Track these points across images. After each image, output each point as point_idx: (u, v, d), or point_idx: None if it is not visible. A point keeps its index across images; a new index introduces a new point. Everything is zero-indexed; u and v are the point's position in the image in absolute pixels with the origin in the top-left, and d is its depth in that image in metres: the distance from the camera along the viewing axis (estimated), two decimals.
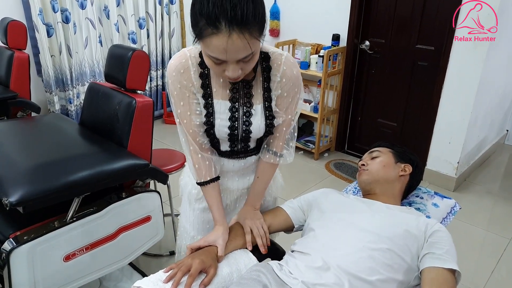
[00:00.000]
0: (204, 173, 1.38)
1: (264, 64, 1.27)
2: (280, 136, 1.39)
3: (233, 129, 1.32)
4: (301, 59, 3.89)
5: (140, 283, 1.21)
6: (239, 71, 1.10)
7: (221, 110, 1.29)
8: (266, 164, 1.44)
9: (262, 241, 1.42)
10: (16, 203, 1.44)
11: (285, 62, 1.27)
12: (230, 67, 1.09)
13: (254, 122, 1.31)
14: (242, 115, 1.31)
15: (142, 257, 2.47)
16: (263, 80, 1.29)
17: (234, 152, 1.41)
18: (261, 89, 1.29)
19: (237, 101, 1.29)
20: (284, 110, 1.33)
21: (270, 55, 1.27)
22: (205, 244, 1.34)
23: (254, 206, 1.49)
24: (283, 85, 1.29)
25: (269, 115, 1.32)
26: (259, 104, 1.30)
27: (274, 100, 1.31)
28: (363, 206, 1.44)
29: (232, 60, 1.07)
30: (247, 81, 1.27)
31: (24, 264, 1.55)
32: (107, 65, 2.07)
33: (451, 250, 1.25)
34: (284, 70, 1.27)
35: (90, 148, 1.94)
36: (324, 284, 1.18)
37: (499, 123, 4.11)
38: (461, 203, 1.70)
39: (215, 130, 1.31)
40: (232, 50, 1.03)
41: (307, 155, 4.03)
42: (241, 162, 1.45)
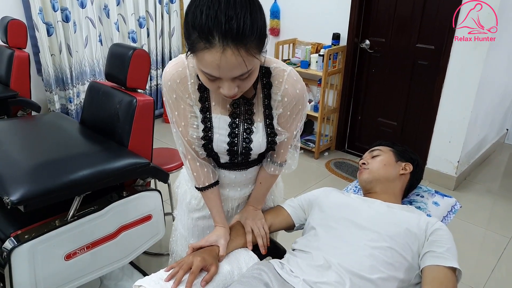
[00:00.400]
0: (203, 179, 1.35)
1: (264, 80, 1.19)
2: (284, 150, 1.36)
3: (233, 145, 1.26)
4: (301, 58, 3.89)
5: (142, 282, 1.21)
6: (235, 89, 1.01)
7: (220, 126, 1.23)
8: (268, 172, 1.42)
9: (263, 241, 1.42)
10: (17, 202, 1.44)
11: (287, 79, 1.18)
12: (225, 85, 1.00)
13: (254, 140, 1.25)
14: (243, 132, 1.24)
15: (143, 256, 2.47)
16: (264, 97, 1.21)
17: (235, 164, 1.36)
18: (262, 107, 1.22)
19: (237, 117, 1.23)
20: (287, 127, 1.27)
21: (271, 70, 1.18)
22: (206, 244, 1.33)
23: (255, 206, 1.48)
24: (285, 104, 1.20)
25: (271, 132, 1.25)
26: (260, 122, 1.24)
27: (275, 118, 1.24)
28: (364, 205, 1.44)
29: (227, 78, 0.98)
30: (247, 99, 1.20)
31: (25, 263, 1.55)
32: (108, 64, 2.07)
33: (452, 249, 1.25)
34: (285, 89, 1.18)
35: (91, 147, 1.94)
36: (326, 282, 1.18)
37: (499, 122, 4.11)
38: (461, 202, 1.70)
39: (213, 145, 1.27)
40: (226, 67, 0.93)
41: (308, 154, 4.03)
42: (242, 173, 1.40)
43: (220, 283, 1.25)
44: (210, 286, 1.23)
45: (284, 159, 1.39)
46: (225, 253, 1.33)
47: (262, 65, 1.16)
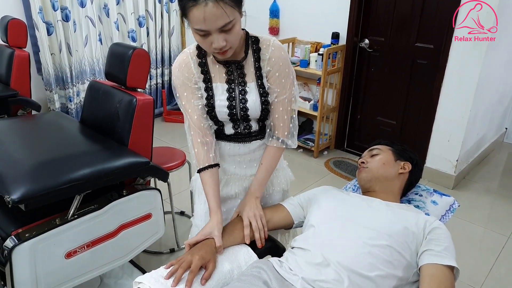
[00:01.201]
0: (202, 158, 1.46)
1: (254, 46, 1.40)
2: (279, 117, 1.46)
3: (232, 108, 1.42)
4: (300, 57, 3.90)
5: (141, 279, 1.22)
6: (223, 42, 1.21)
7: (219, 92, 1.42)
8: (271, 150, 1.51)
9: (260, 235, 1.44)
10: (18, 201, 1.45)
11: (274, 44, 1.40)
12: (214, 38, 1.20)
13: (249, 99, 1.41)
14: (238, 94, 1.42)
15: (143, 254, 2.48)
16: (254, 61, 1.40)
17: (239, 134, 1.50)
18: (253, 68, 1.41)
19: (232, 82, 1.42)
20: (277, 89, 1.42)
21: (259, 38, 1.41)
22: (202, 238, 1.35)
23: (255, 195, 1.51)
24: (273, 64, 1.39)
25: (263, 92, 1.42)
26: (252, 82, 1.41)
27: (265, 77, 1.41)
28: (362, 203, 1.45)
29: (214, 29, 1.18)
30: (238, 61, 1.40)
31: (26, 261, 1.56)
32: (108, 64, 2.08)
33: (450, 247, 1.26)
34: (272, 50, 1.39)
35: (91, 146, 1.95)
36: (324, 280, 1.19)
37: (498, 121, 4.12)
38: (460, 201, 1.71)
39: (215, 112, 1.43)
40: (210, 18, 1.14)
41: (307, 153, 4.03)
42: (246, 146, 1.52)
43: (220, 282, 1.26)
44: (210, 285, 1.24)
45: (283, 134, 1.49)
46: (221, 243, 1.35)
47: (251, 35, 1.41)
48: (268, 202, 1.67)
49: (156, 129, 2.07)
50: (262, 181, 1.53)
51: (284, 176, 1.68)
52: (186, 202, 2.99)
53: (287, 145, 1.52)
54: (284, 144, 1.51)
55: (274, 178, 1.63)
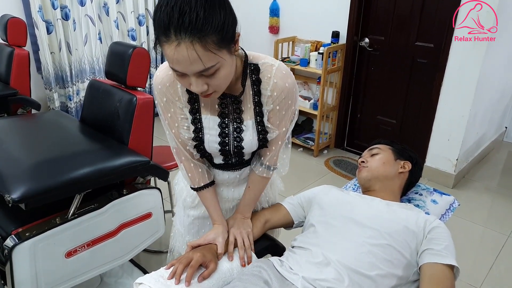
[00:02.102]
0: (198, 180, 1.37)
1: (254, 77, 1.18)
2: (275, 150, 1.33)
3: (224, 145, 1.26)
4: (300, 56, 3.90)
5: (142, 279, 1.22)
6: (203, 86, 1.01)
7: (210, 126, 1.24)
8: (258, 176, 1.39)
9: (247, 252, 1.36)
10: (18, 200, 1.45)
11: (276, 74, 1.16)
12: (192, 81, 1.00)
13: (245, 138, 1.25)
14: (233, 131, 1.24)
15: (143, 253, 2.48)
16: (254, 94, 1.20)
17: (229, 164, 1.38)
18: (252, 104, 1.21)
19: (226, 117, 1.23)
20: (277, 124, 1.25)
21: (260, 66, 1.17)
22: (204, 242, 1.34)
23: (243, 215, 1.44)
24: (275, 99, 1.19)
25: (262, 130, 1.25)
26: (250, 120, 1.23)
27: (266, 115, 1.23)
28: (363, 202, 1.45)
29: (190, 73, 0.97)
30: (235, 97, 1.20)
31: (26, 260, 1.56)
32: (108, 62, 2.07)
33: (450, 246, 1.26)
34: (275, 83, 1.16)
35: (91, 145, 1.95)
36: (325, 279, 1.19)
37: (498, 120, 4.12)
38: (459, 200, 1.71)
39: (205, 146, 1.28)
40: (183, 62, 0.94)
41: (307, 152, 4.04)
42: (236, 173, 1.42)
43: (220, 281, 1.26)
44: (210, 283, 1.24)
45: (273, 162, 1.37)
46: (223, 251, 1.34)
47: (251, 62, 1.17)
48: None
49: (157, 128, 2.07)
50: (250, 204, 1.44)
51: (273, 191, 1.60)
52: None
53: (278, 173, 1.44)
54: (273, 172, 1.41)
55: (262, 197, 1.54)
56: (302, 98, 3.97)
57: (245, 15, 4.24)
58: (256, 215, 1.50)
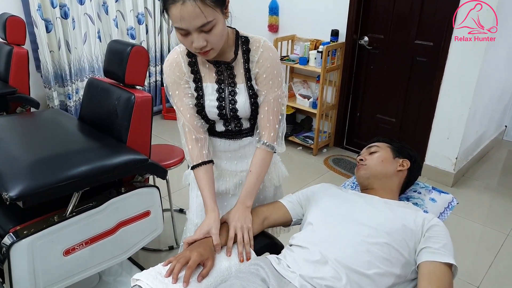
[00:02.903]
0: (196, 155, 1.46)
1: (244, 47, 1.39)
2: (265, 118, 1.45)
3: (221, 109, 1.43)
4: (300, 55, 3.90)
5: (139, 276, 1.22)
6: (203, 42, 1.20)
7: (209, 92, 1.42)
8: (259, 155, 1.47)
9: (246, 248, 1.37)
10: (16, 198, 1.45)
11: (263, 45, 1.39)
12: (194, 38, 1.19)
13: (239, 100, 1.42)
14: (228, 94, 1.42)
15: (141, 251, 2.48)
16: (244, 62, 1.40)
17: (229, 131, 1.51)
18: (243, 70, 1.41)
19: (222, 82, 1.42)
20: (264, 90, 1.42)
21: (250, 39, 1.40)
22: (200, 237, 1.34)
23: (245, 204, 1.46)
24: (261, 65, 1.39)
25: (253, 93, 1.42)
26: (242, 83, 1.41)
27: (254, 79, 1.41)
28: (361, 201, 1.45)
29: (192, 29, 1.16)
30: (228, 63, 1.39)
31: (24, 258, 1.56)
32: (106, 61, 2.07)
33: (448, 245, 1.26)
34: (261, 52, 1.38)
35: (90, 143, 1.95)
36: (322, 278, 1.19)
37: (497, 119, 4.11)
38: (459, 199, 1.71)
39: (205, 111, 1.44)
40: (187, 17, 1.13)
41: (306, 151, 4.03)
42: (236, 142, 1.54)
43: (218, 279, 1.26)
44: (208, 281, 1.24)
45: (270, 136, 1.47)
46: (219, 241, 1.34)
47: (242, 35, 1.40)
48: (260, 198, 1.66)
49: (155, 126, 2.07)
50: (252, 189, 1.47)
51: (276, 172, 1.66)
52: (185, 200, 2.99)
53: (275, 150, 1.50)
54: (271, 149, 1.48)
55: (266, 179, 1.60)
56: (301, 97, 3.97)
57: (245, 14, 4.24)
58: (255, 212, 1.50)
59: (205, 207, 1.43)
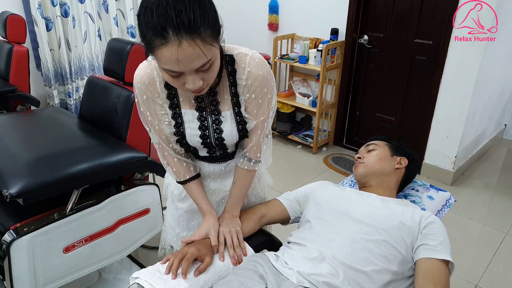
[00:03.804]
0: (183, 173, 1.38)
1: (229, 68, 1.19)
2: (255, 140, 1.32)
3: (205, 138, 1.28)
4: (299, 54, 3.90)
5: (138, 274, 1.23)
6: (199, 82, 1.02)
7: (190, 119, 1.26)
8: (242, 170, 1.38)
9: (236, 252, 1.35)
10: (16, 195, 1.46)
11: (250, 62, 1.18)
12: (189, 79, 1.01)
13: (225, 129, 1.26)
14: (212, 123, 1.26)
15: (141, 249, 2.49)
16: (230, 85, 1.21)
17: (214, 157, 1.39)
18: (229, 95, 1.23)
19: (204, 110, 1.24)
20: (254, 113, 1.26)
21: (235, 57, 1.19)
22: (198, 238, 1.35)
23: (232, 213, 1.42)
24: (249, 87, 1.20)
25: (240, 120, 1.26)
26: (228, 111, 1.24)
27: (243, 105, 1.24)
28: (359, 198, 1.46)
29: (189, 71, 0.99)
30: (211, 88, 1.20)
31: (24, 255, 1.57)
32: (106, 59, 2.08)
33: (445, 242, 1.26)
34: (249, 72, 1.18)
35: (89, 141, 1.96)
36: (319, 274, 1.20)
37: (497, 118, 4.12)
38: (458, 197, 1.72)
39: (187, 140, 1.29)
40: (185, 60, 0.95)
41: (306, 149, 4.04)
42: (221, 166, 1.42)
43: (216, 275, 1.27)
44: (206, 278, 1.24)
45: (256, 156, 1.36)
46: (217, 242, 1.34)
47: (226, 53, 1.18)
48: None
49: None
50: (237, 201, 1.42)
51: (261, 185, 1.60)
52: None
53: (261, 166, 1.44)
54: (257, 166, 1.39)
55: (250, 191, 1.54)
56: (301, 95, 3.98)
57: (245, 12, 4.25)
58: (252, 209, 1.51)
59: (202, 211, 1.41)
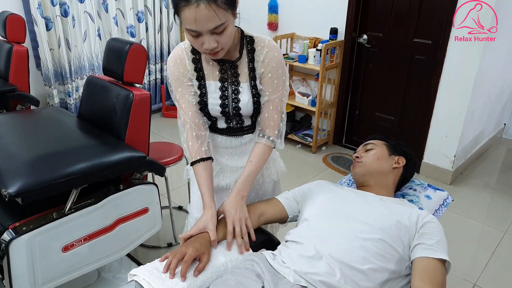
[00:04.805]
0: (195, 152, 1.47)
1: (249, 46, 1.41)
2: (270, 116, 1.47)
3: (224, 107, 1.45)
4: (299, 53, 3.90)
5: (136, 271, 1.24)
6: (214, 43, 1.21)
7: (213, 90, 1.44)
8: (260, 148, 1.49)
9: (244, 239, 1.39)
10: (15, 194, 1.47)
11: (268, 45, 1.40)
12: (205, 39, 1.20)
13: (242, 99, 1.44)
14: (231, 93, 1.44)
15: (140, 248, 2.50)
16: (249, 61, 1.42)
17: (231, 128, 1.53)
18: (247, 69, 1.42)
19: (226, 81, 1.43)
20: (270, 90, 1.43)
21: (254, 39, 1.41)
22: (196, 232, 1.36)
23: (241, 194, 1.46)
24: (266, 65, 1.41)
25: (256, 93, 1.44)
26: (245, 82, 1.43)
27: (258, 78, 1.43)
28: (356, 197, 1.46)
29: (205, 31, 1.18)
30: (232, 61, 1.41)
31: (23, 254, 1.58)
32: (105, 59, 2.08)
33: (442, 241, 1.27)
34: (266, 52, 1.40)
35: (88, 141, 1.96)
36: (316, 273, 1.20)
37: (496, 117, 4.12)
38: (457, 197, 1.72)
39: (208, 109, 1.46)
40: (201, 20, 1.14)
41: (305, 149, 4.04)
42: (238, 139, 1.56)
43: (213, 274, 1.28)
44: (204, 277, 1.25)
45: (273, 133, 1.49)
46: (216, 237, 1.35)
47: (247, 35, 1.41)
48: (259, 193, 1.68)
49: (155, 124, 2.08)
50: (249, 178, 1.48)
51: (275, 167, 1.69)
52: (183, 197, 3.01)
53: (276, 145, 1.52)
54: (274, 144, 1.51)
55: (264, 170, 1.64)
56: (300, 95, 3.98)
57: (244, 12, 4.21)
58: (251, 207, 1.51)
59: (204, 203, 1.44)
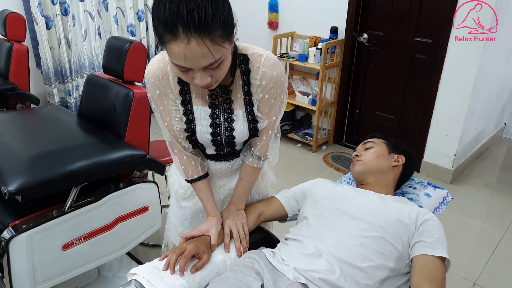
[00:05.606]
0: (191, 172, 1.39)
1: (243, 67, 1.20)
2: (266, 139, 1.35)
3: (216, 135, 1.29)
4: (299, 52, 3.90)
5: (136, 270, 1.24)
6: (208, 79, 1.03)
7: (201, 117, 1.26)
8: (250, 166, 1.41)
9: (242, 244, 1.38)
10: (15, 192, 1.47)
11: (265, 63, 1.19)
12: (197, 75, 1.02)
13: (236, 128, 1.27)
14: (224, 121, 1.27)
15: (141, 247, 2.50)
16: (243, 84, 1.22)
17: (221, 155, 1.40)
18: (242, 94, 1.23)
19: (217, 108, 1.25)
20: (266, 113, 1.27)
21: (249, 56, 1.19)
22: (198, 234, 1.35)
23: (237, 206, 1.45)
24: (263, 87, 1.21)
25: (252, 119, 1.27)
26: (240, 110, 1.25)
27: (255, 104, 1.25)
28: (356, 195, 1.46)
29: (197, 68, 0.99)
30: (225, 86, 1.21)
31: (23, 252, 1.58)
32: (105, 57, 2.08)
33: (442, 239, 1.27)
34: (263, 72, 1.19)
35: (88, 139, 1.96)
36: (316, 270, 1.20)
37: (497, 116, 4.12)
38: (457, 195, 1.72)
39: (197, 137, 1.30)
40: (192, 58, 0.95)
41: (305, 148, 4.04)
42: (227, 164, 1.43)
43: (213, 272, 1.28)
44: (203, 275, 1.25)
45: (264, 152, 1.39)
46: (217, 242, 1.35)
47: (240, 53, 1.19)
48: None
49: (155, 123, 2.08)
50: (242, 195, 1.45)
51: (264, 183, 1.62)
52: None
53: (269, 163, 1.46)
54: (265, 163, 1.42)
55: (253, 189, 1.55)
56: (300, 94, 3.98)
57: (244, 11, 4.24)
58: (250, 207, 1.51)
59: (207, 212, 1.42)
